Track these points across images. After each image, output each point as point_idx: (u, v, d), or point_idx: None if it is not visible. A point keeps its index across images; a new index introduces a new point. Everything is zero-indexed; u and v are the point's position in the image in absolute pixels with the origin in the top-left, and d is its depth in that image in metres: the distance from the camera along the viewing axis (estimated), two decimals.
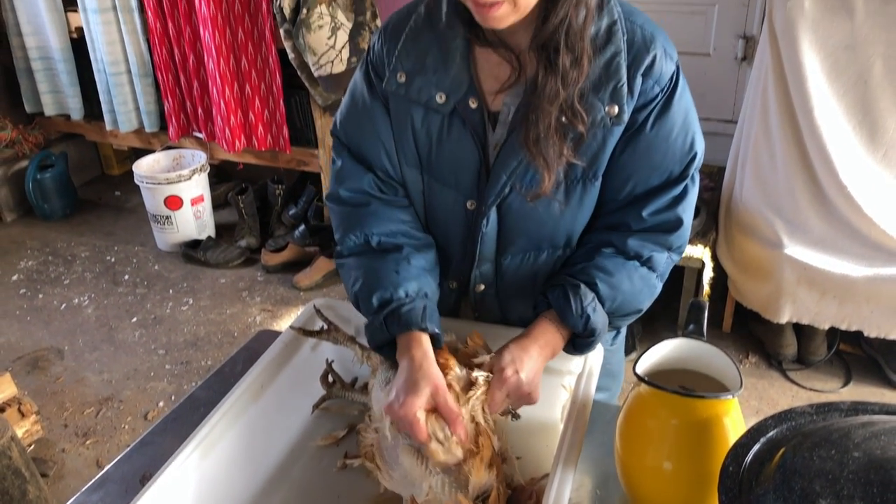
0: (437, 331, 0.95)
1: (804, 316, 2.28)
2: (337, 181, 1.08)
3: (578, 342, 1.00)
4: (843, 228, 2.15)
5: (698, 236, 2.41)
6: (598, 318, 0.98)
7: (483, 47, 0.98)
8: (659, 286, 1.05)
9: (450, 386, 0.90)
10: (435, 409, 0.87)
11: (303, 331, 1.14)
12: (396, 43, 1.01)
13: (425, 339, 0.94)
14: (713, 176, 2.73)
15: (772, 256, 2.24)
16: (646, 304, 1.05)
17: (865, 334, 2.24)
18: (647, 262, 1.02)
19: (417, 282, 1.00)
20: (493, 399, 0.90)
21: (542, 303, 1.01)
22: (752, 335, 2.54)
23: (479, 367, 0.93)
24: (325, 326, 1.13)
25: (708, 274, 2.40)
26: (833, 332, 2.36)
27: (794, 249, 2.20)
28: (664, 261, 1.03)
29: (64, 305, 2.91)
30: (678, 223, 1.01)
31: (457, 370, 0.93)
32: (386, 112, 1.04)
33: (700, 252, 2.35)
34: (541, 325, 0.99)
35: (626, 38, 0.94)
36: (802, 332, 2.41)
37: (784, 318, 2.29)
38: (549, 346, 0.98)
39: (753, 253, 2.32)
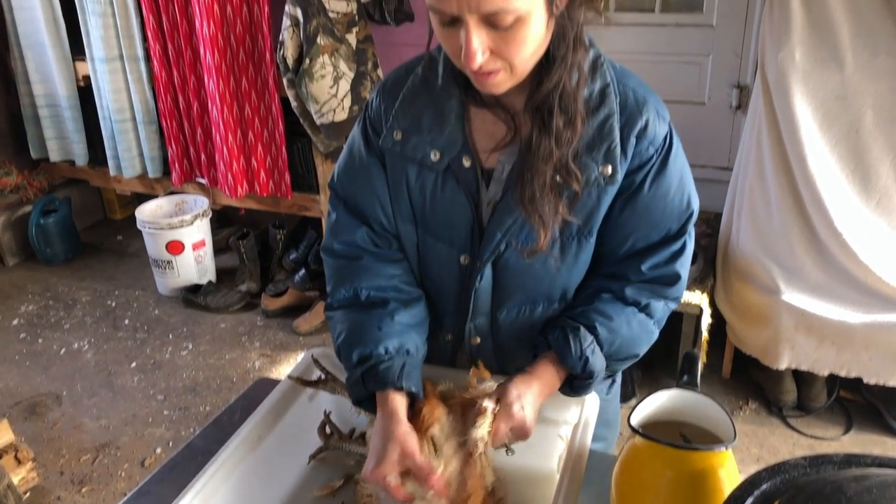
0: (413, 389, 0.97)
1: (803, 362, 2.28)
2: (332, 234, 1.10)
3: (576, 384, 1.02)
4: (839, 275, 2.17)
5: (696, 282, 2.42)
6: (597, 360, 1.00)
7: (478, 108, 1.01)
8: (656, 333, 1.06)
9: (427, 436, 0.91)
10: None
11: (300, 380, 1.15)
12: (394, 102, 1.04)
13: (398, 399, 0.96)
14: (710, 222, 2.75)
15: (769, 302, 2.26)
16: (643, 350, 1.07)
17: (864, 381, 2.24)
18: (645, 309, 1.04)
19: (399, 338, 1.02)
20: (497, 433, 0.92)
21: (541, 344, 1.03)
22: (752, 381, 2.54)
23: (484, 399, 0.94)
24: (323, 376, 1.13)
25: (706, 320, 2.40)
26: (833, 379, 2.35)
27: (792, 296, 2.22)
28: (661, 308, 1.05)
29: (63, 350, 2.92)
30: (676, 278, 1.04)
31: (444, 419, 0.94)
32: (382, 167, 1.06)
33: (698, 298, 2.36)
34: (541, 364, 1.01)
35: (618, 100, 0.97)
36: (802, 378, 2.41)
37: (783, 364, 2.29)
38: (549, 385, 1.00)
39: (751, 299, 2.33)
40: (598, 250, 1.05)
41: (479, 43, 0.84)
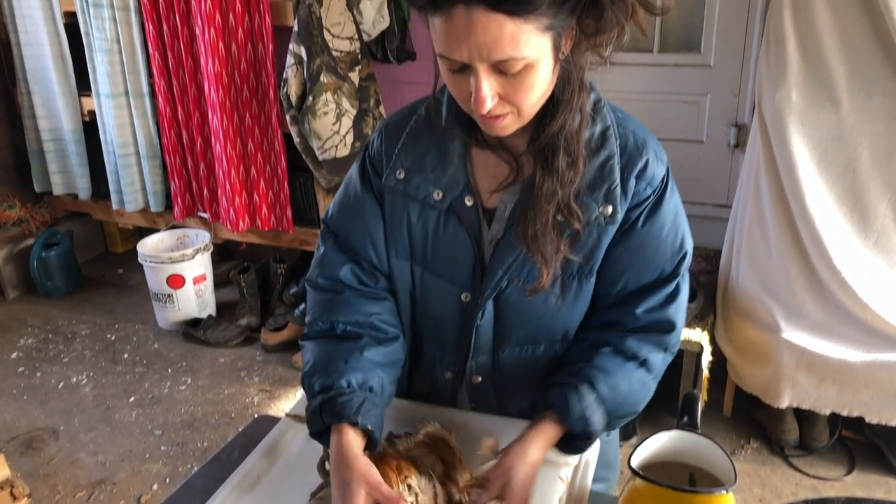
0: (369, 427, 0.95)
1: (804, 401, 2.27)
2: (317, 267, 1.12)
3: (575, 442, 1.00)
4: (839, 313, 2.17)
5: (696, 319, 2.42)
6: (598, 419, 0.99)
7: (481, 149, 1.02)
8: (654, 387, 1.06)
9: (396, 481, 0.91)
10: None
11: (299, 418, 1.14)
12: (396, 142, 1.05)
13: (352, 435, 0.94)
14: (710, 259, 2.76)
15: (769, 340, 2.25)
16: (642, 406, 1.06)
17: (867, 420, 2.22)
18: (644, 364, 1.03)
19: (364, 374, 1.01)
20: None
21: (540, 402, 1.02)
22: (754, 420, 2.52)
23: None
24: None
25: (707, 357, 2.40)
26: (835, 418, 2.34)
27: (792, 334, 2.21)
28: (660, 361, 1.05)
29: (62, 384, 2.90)
30: (672, 325, 1.04)
31: (413, 482, 0.93)
32: (377, 205, 1.08)
33: (698, 335, 2.36)
34: (540, 426, 0.99)
35: (619, 142, 0.99)
36: (804, 417, 2.39)
37: (784, 402, 2.28)
38: (547, 448, 0.99)
39: (751, 336, 2.33)
40: (594, 291, 1.06)
41: (488, 89, 0.86)
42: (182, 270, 3.18)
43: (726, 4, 2.67)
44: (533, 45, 0.83)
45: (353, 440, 0.94)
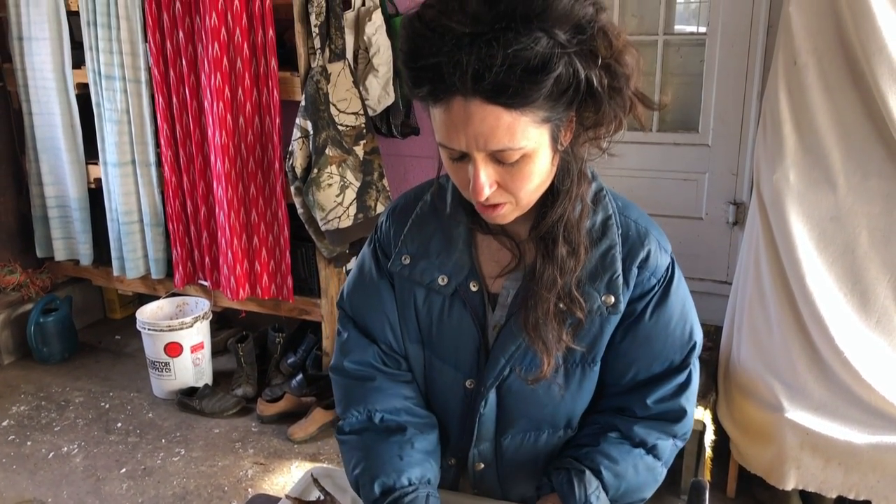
0: None
1: (810, 483, 2.22)
2: (342, 353, 1.10)
3: None
4: (842, 394, 2.15)
5: (698, 397, 2.39)
6: None
7: (485, 235, 1.04)
8: (663, 474, 1.05)
9: None
10: None
11: (300, 501, 1.12)
12: (403, 227, 1.07)
13: None
14: (710, 335, 2.75)
15: (773, 420, 2.23)
16: (650, 493, 1.05)
17: None
18: (653, 451, 1.03)
19: (421, 468, 1.01)
20: None
21: (545, 485, 1.01)
22: (758, 500, 2.47)
23: None
24: (323, 497, 1.11)
25: (709, 436, 2.36)
26: (841, 501, 2.29)
27: (796, 414, 2.19)
28: (669, 448, 1.04)
29: (52, 454, 2.85)
30: (682, 413, 1.03)
31: None
32: (391, 288, 1.08)
33: (701, 413, 2.33)
34: None
35: (620, 231, 0.99)
36: (810, 499, 2.34)
37: (789, 484, 2.23)
38: None
39: (754, 416, 2.30)
40: (601, 379, 1.05)
41: (486, 177, 0.87)
42: (180, 338, 3.16)
43: (723, 86, 2.74)
44: (530, 136, 0.84)
45: None
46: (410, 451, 1.01)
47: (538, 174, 0.89)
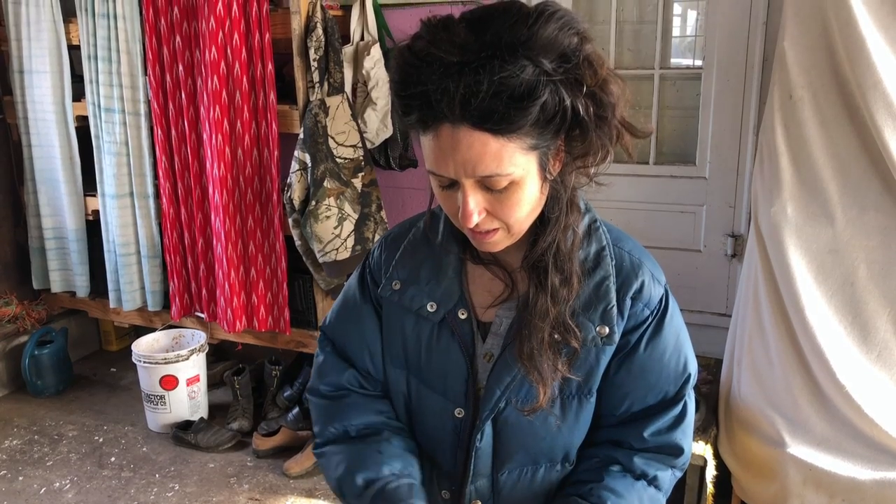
0: None
1: None
2: (318, 376, 1.12)
3: None
4: (845, 429, 2.12)
5: (698, 432, 2.37)
6: None
7: (476, 264, 1.04)
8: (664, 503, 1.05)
9: None
10: None
11: None
12: (394, 253, 1.08)
13: None
14: (710, 368, 2.73)
15: (775, 455, 2.20)
16: None
17: None
18: (654, 482, 1.03)
19: (401, 461, 1.02)
20: None
21: None
22: None
23: None
24: None
25: (711, 472, 2.33)
26: None
27: (798, 449, 2.16)
28: (669, 478, 1.05)
29: (44, 489, 2.80)
30: (679, 450, 1.04)
31: None
32: (375, 315, 1.09)
33: (702, 449, 2.30)
34: None
35: (614, 262, 1.00)
36: None
37: None
38: None
39: (756, 451, 2.27)
40: (596, 410, 1.05)
41: (474, 204, 0.88)
42: (176, 371, 3.13)
43: (719, 120, 2.76)
44: (517, 163, 0.85)
45: None
46: (389, 446, 1.04)
47: (527, 201, 0.90)
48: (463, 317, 1.03)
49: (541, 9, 0.84)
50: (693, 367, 1.05)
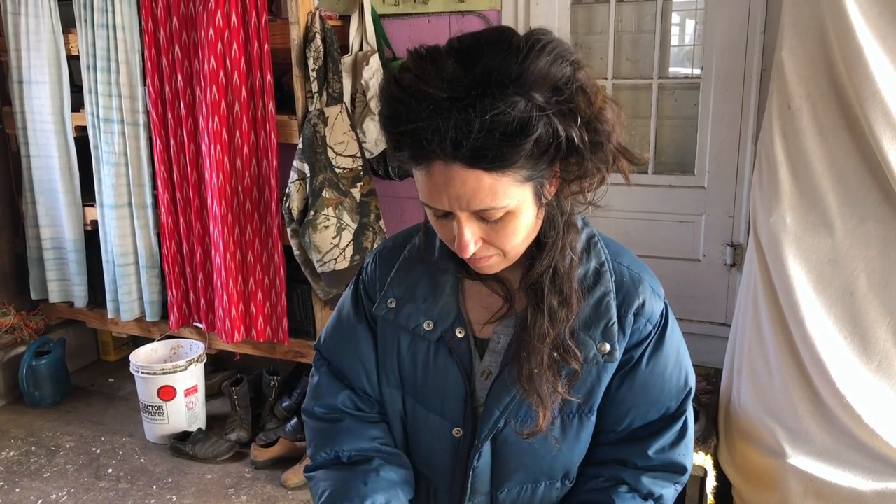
0: None
1: None
2: (313, 397, 1.11)
3: None
4: (845, 439, 2.11)
5: (699, 442, 2.36)
6: None
7: (473, 282, 1.03)
8: None
9: None
10: None
11: None
12: (390, 270, 1.06)
13: None
14: (710, 378, 2.72)
15: (775, 465, 2.19)
16: None
17: None
18: (660, 501, 1.03)
19: (385, 494, 1.00)
20: None
21: None
22: None
23: None
24: None
25: (711, 482, 2.32)
26: None
27: (798, 459, 2.15)
28: (672, 495, 1.05)
29: (41, 501, 2.79)
30: (683, 469, 1.04)
31: None
32: (369, 332, 1.08)
33: (701, 459, 2.29)
34: None
35: (614, 279, 0.99)
36: None
37: None
38: None
39: (756, 461, 2.26)
40: (597, 426, 1.04)
41: (470, 235, 0.87)
42: (174, 382, 3.12)
43: (718, 129, 2.76)
44: (512, 195, 0.84)
45: None
46: (375, 478, 1.02)
47: (523, 229, 0.89)
48: (460, 335, 1.02)
49: (532, 41, 0.81)
50: (692, 381, 1.04)
